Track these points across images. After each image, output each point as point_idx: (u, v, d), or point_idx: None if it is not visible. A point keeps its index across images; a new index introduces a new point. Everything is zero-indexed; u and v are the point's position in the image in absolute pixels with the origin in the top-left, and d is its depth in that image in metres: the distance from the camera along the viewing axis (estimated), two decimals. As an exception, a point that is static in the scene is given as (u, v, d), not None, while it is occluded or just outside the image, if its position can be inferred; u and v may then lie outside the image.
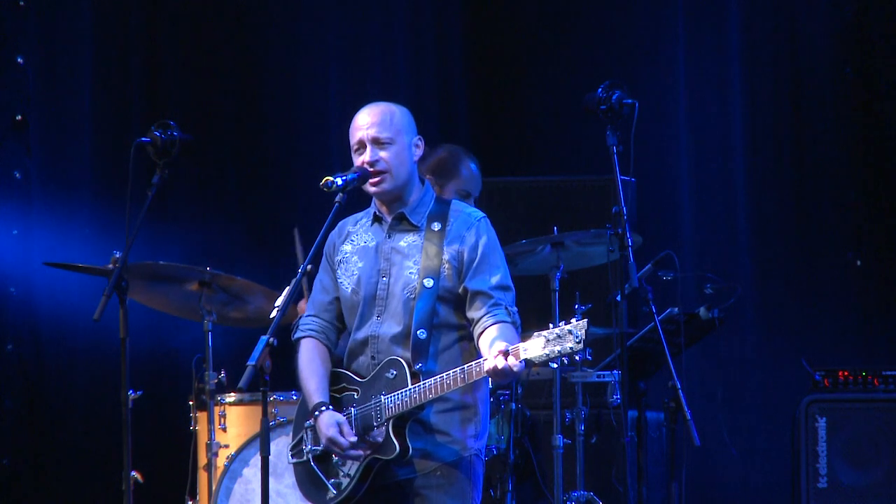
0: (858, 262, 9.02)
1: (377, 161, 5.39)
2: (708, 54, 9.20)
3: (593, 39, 9.27)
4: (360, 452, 5.25)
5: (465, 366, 5.15)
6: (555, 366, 7.04)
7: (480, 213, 5.47)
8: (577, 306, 7.26)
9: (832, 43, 9.07)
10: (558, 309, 7.12)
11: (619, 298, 6.04)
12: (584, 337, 5.00)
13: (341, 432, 5.25)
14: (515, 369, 5.06)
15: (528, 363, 5.07)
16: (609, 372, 7.40)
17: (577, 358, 7.03)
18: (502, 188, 8.59)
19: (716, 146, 9.19)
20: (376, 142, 5.41)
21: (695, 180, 9.19)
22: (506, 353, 5.06)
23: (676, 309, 7.44)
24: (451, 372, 5.16)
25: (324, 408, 5.32)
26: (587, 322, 5.02)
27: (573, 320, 5.05)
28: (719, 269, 8.39)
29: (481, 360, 5.13)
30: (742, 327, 8.96)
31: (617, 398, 7.34)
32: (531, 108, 9.36)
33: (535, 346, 5.05)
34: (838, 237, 9.05)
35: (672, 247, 7.61)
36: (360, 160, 5.41)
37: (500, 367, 5.05)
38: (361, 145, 5.42)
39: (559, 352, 5.02)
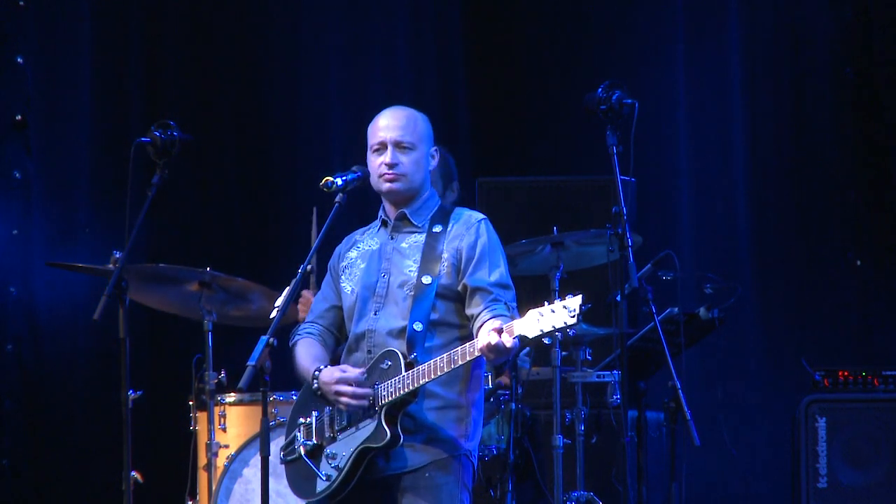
0: (858, 262, 9.02)
1: (397, 164, 5.42)
2: (708, 54, 9.20)
3: (593, 39, 9.27)
4: (370, 391, 5.24)
5: (458, 347, 5.15)
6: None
7: (481, 216, 5.51)
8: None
9: (832, 43, 9.08)
10: (558, 309, 7.10)
11: (619, 298, 6.04)
12: (578, 312, 4.97)
13: (346, 373, 5.27)
14: (509, 345, 5.05)
15: (522, 340, 5.06)
16: (609, 372, 7.40)
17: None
18: (502, 188, 8.59)
19: (716, 146, 9.19)
20: (398, 145, 5.45)
21: (695, 180, 9.19)
22: (499, 331, 5.06)
23: (676, 309, 7.44)
24: (443, 355, 5.16)
25: (322, 366, 5.35)
26: (582, 297, 5.00)
27: (568, 296, 5.03)
28: (719, 269, 8.38)
29: (475, 339, 5.13)
30: (742, 327, 8.95)
31: (617, 398, 7.34)
32: (531, 108, 9.36)
33: (529, 322, 5.03)
34: (838, 237, 9.05)
35: (672, 247, 7.61)
36: (378, 160, 5.44)
37: (493, 342, 5.05)
38: (382, 146, 5.46)
39: (553, 327, 5.00)
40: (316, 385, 5.35)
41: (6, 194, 8.81)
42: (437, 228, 5.44)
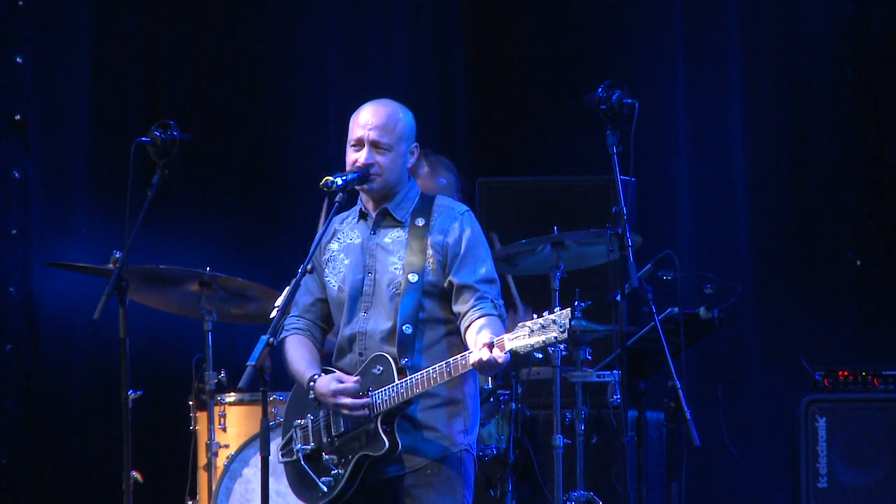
0: (858, 262, 9.01)
1: (371, 165, 5.41)
2: (708, 54, 9.20)
3: (593, 39, 9.27)
4: (368, 401, 5.25)
5: (451, 359, 5.18)
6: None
7: (464, 207, 5.50)
8: (576, 303, 7.25)
9: (832, 43, 9.07)
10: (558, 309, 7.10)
11: (619, 298, 6.03)
12: (568, 326, 5.02)
13: (342, 383, 5.26)
14: (500, 360, 5.09)
15: (512, 354, 5.10)
16: (609, 372, 7.40)
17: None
18: (502, 188, 8.59)
19: (715, 146, 9.19)
20: (375, 145, 5.43)
21: (695, 180, 9.18)
22: (490, 345, 5.09)
23: (676, 309, 7.44)
24: (436, 366, 5.19)
25: (317, 376, 5.34)
26: (570, 311, 5.04)
27: (557, 310, 5.06)
28: (719, 269, 8.38)
29: (466, 353, 5.16)
30: (742, 327, 8.95)
31: (617, 398, 7.33)
32: (531, 108, 9.35)
33: (520, 337, 5.07)
34: (838, 237, 9.04)
35: (672, 247, 7.61)
36: (353, 158, 5.43)
37: (484, 358, 5.08)
38: (360, 143, 5.44)
39: (543, 342, 5.04)
40: (312, 395, 5.35)
41: (6, 194, 8.81)
42: (420, 222, 5.43)
